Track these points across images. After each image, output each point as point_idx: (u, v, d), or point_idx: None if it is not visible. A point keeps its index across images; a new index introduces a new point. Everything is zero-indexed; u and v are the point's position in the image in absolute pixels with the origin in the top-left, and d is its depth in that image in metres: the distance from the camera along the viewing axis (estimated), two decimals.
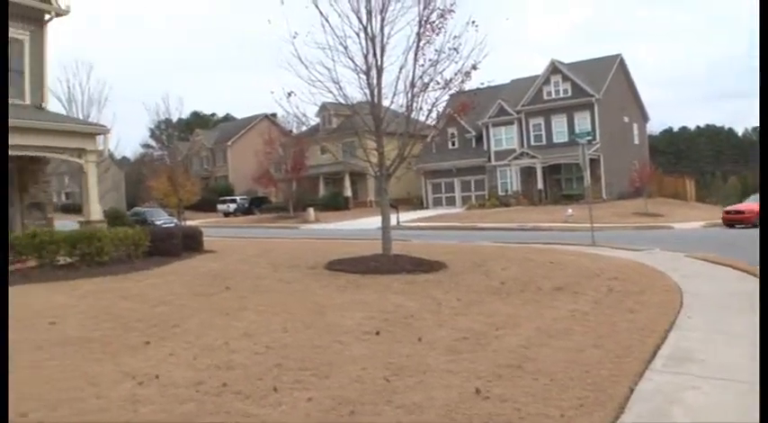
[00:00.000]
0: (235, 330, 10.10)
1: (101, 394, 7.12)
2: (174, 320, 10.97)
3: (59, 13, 22.69)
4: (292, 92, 18.07)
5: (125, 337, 9.89)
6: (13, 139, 18.53)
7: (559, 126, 56.03)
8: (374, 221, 41.18)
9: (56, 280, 16.28)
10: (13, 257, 18.10)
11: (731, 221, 35.18)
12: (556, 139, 55.81)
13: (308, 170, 61.07)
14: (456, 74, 17.73)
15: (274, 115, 77.77)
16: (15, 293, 14.29)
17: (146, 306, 12.50)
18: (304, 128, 55.35)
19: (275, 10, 17.38)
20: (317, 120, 63.49)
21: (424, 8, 17.42)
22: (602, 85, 55.56)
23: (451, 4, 17.33)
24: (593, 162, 48.64)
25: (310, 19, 17.61)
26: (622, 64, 61.01)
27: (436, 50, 17.66)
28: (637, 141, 63.27)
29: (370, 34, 17.55)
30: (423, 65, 17.75)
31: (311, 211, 53.36)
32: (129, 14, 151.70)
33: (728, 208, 38.16)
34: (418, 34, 17.57)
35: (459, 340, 9.19)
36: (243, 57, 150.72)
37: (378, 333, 9.60)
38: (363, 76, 17.90)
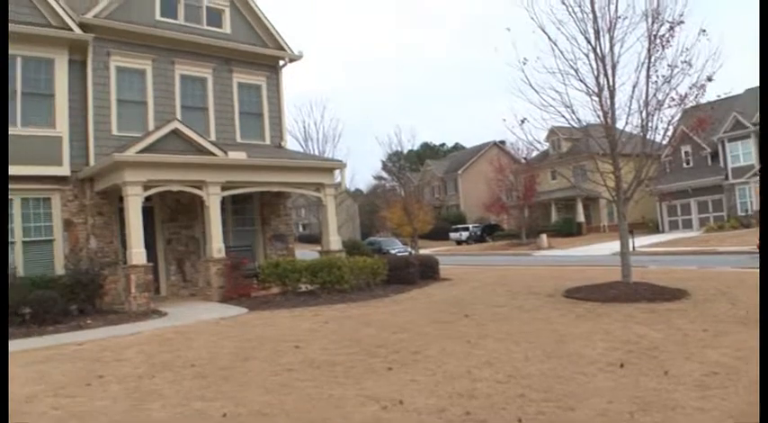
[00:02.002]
0: (476, 358, 10.10)
1: (346, 416, 7.49)
2: (415, 347, 11.20)
3: (293, 59, 24.46)
4: (525, 119, 18.21)
5: (368, 362, 10.22)
6: (257, 177, 20.16)
7: None
8: (608, 247, 40.19)
9: (298, 306, 17.38)
10: (257, 284, 19.63)
11: None
12: None
13: (539, 196, 60.61)
14: (690, 88, 17.02)
15: (503, 142, 78.15)
16: (262, 318, 15.68)
17: (386, 332, 12.87)
18: (534, 153, 55.42)
19: (502, 37, 17.73)
20: (546, 144, 63.15)
21: (653, 22, 16.96)
22: None
23: (680, 15, 16.71)
24: None
25: (538, 43, 17.69)
26: None
27: (668, 65, 17.07)
28: None
29: (599, 54, 17.37)
30: (656, 82, 17.22)
31: (544, 237, 52.88)
32: (358, 52, 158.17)
33: None
34: (648, 50, 17.08)
35: (709, 375, 8.67)
36: (470, 85, 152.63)
37: (622, 365, 9.28)
38: (596, 98, 17.66)
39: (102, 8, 20.34)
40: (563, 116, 18.01)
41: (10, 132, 17.96)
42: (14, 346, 13.08)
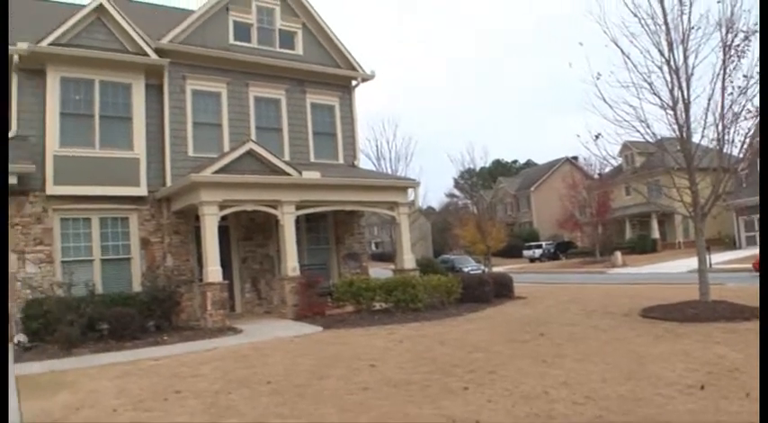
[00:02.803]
0: (552, 379, 9.94)
1: None
2: (491, 366, 11.07)
3: (365, 79, 24.56)
4: (599, 134, 17.97)
5: (443, 381, 10.12)
6: (331, 196, 20.24)
7: None
8: (684, 264, 39.15)
9: (373, 324, 17.33)
10: (331, 303, 19.69)
11: None
12: None
13: (612, 212, 59.49)
14: None
15: (576, 158, 77.13)
16: (337, 336, 15.69)
17: (462, 351, 12.76)
18: (607, 169, 54.52)
19: (574, 52, 17.51)
20: (619, 159, 62.04)
21: (727, 32, 16.50)
22: None
23: (755, 24, 16.13)
24: None
25: (611, 57, 17.51)
26: None
27: (744, 76, 16.54)
28: None
29: (673, 67, 17.03)
30: (731, 93, 16.71)
31: (618, 254, 51.77)
32: (430, 71, 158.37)
33: None
34: (723, 61, 16.60)
35: None
36: (541, 101, 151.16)
37: (702, 387, 9.03)
38: (670, 111, 17.30)
39: (177, 33, 20.82)
40: (637, 131, 17.73)
41: (89, 154, 18.81)
42: (94, 360, 13.60)
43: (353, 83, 24.82)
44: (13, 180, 16.90)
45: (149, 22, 21.44)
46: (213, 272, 18.09)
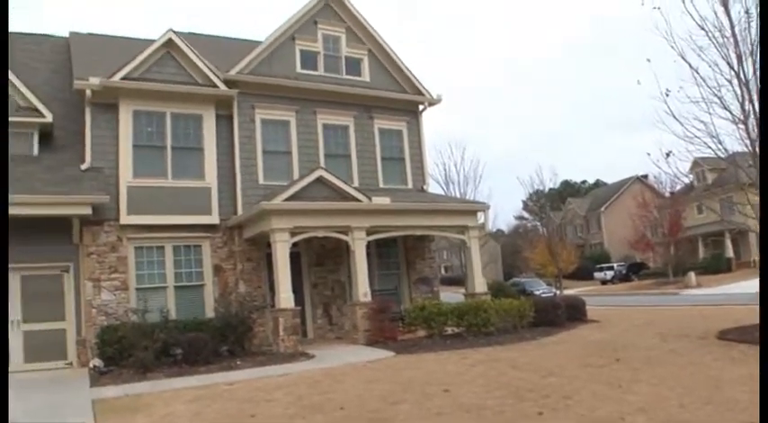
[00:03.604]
0: (628, 404, 9.56)
1: None
2: (566, 391, 10.73)
3: (432, 103, 24.18)
4: (671, 152, 17.30)
5: (517, 406, 9.82)
6: (401, 221, 19.92)
7: None
8: (759, 284, 37.60)
9: (445, 349, 16.90)
10: (403, 328, 19.33)
11: None
12: None
13: (684, 231, 57.59)
14: None
15: (645, 176, 75.29)
16: (409, 361, 15.36)
17: (536, 376, 12.40)
18: (678, 187, 52.92)
19: (641, 69, 16.86)
20: (690, 176, 60.22)
21: None
22: None
23: None
24: None
25: (679, 73, 16.81)
26: None
27: None
28: None
29: (743, 79, 16.12)
30: None
31: (692, 275, 49.99)
32: (496, 94, 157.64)
33: None
34: None
35: None
36: (609, 120, 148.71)
37: None
38: (742, 126, 16.40)
39: (245, 64, 20.86)
40: (708, 146, 16.96)
41: (162, 185, 18.97)
42: (168, 384, 13.62)
43: (420, 107, 24.44)
44: (87, 210, 17.17)
45: (217, 55, 21.54)
46: (285, 298, 17.93)
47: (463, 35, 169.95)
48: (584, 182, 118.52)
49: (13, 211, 16.07)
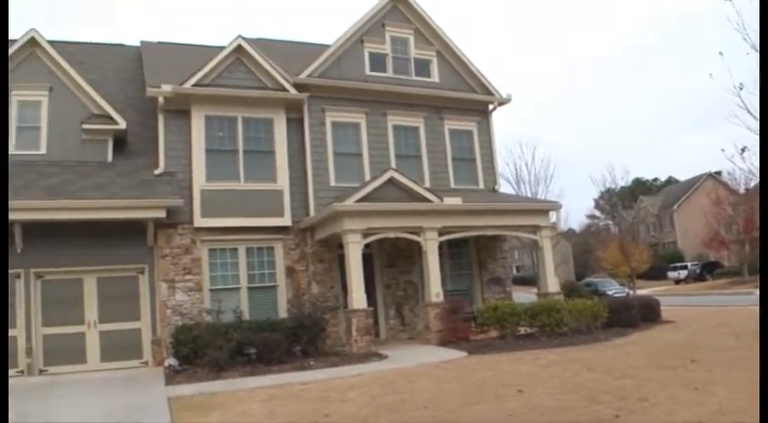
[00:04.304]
0: (706, 407, 9.18)
1: None
2: (641, 393, 10.34)
3: (501, 102, 23.60)
4: (746, 147, 16.44)
5: (592, 408, 9.52)
6: (473, 221, 19.54)
7: None
8: None
9: (518, 349, 16.56)
10: (475, 328, 18.98)
11: None
12: None
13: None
14: None
15: (719, 173, 72.88)
16: (482, 361, 15.19)
17: (610, 377, 12.05)
18: (752, 183, 50.92)
19: (713, 63, 16.06)
20: None
21: None
22: None
23: None
24: None
25: (752, 66, 16.00)
26: None
27: None
28: None
29: None
30: None
31: None
32: (565, 91, 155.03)
33: None
34: None
35: None
36: (680, 117, 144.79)
37: None
38: None
39: (314, 68, 20.69)
40: None
41: (234, 188, 19.07)
42: (242, 383, 13.70)
43: (490, 107, 23.88)
44: (162, 214, 17.34)
45: (286, 59, 21.45)
46: (358, 299, 17.74)
47: (535, 35, 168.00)
48: (655, 179, 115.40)
49: (90, 215, 16.65)
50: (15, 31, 19.50)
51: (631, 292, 42.17)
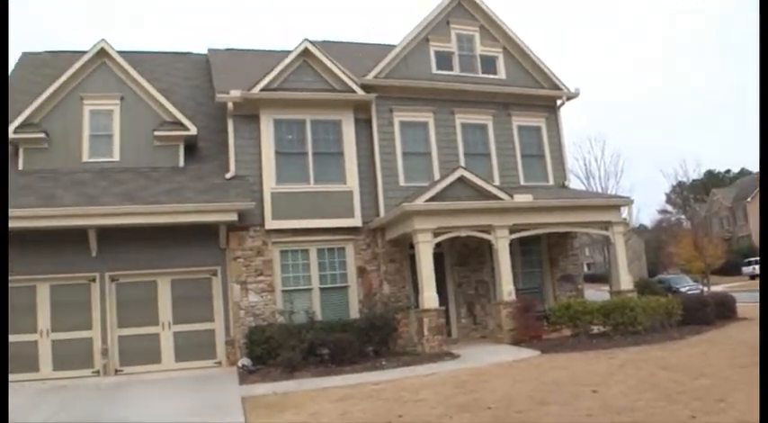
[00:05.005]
0: None
1: None
2: (719, 394, 10.06)
3: (570, 97, 23.01)
4: None
5: (668, 408, 9.30)
6: (543, 218, 19.19)
7: None
8: None
9: (591, 348, 16.31)
10: (548, 327, 18.75)
11: None
12: None
13: None
14: None
15: None
16: (555, 360, 15.20)
17: (686, 377, 11.69)
18: None
19: None
20: None
21: None
22: None
23: None
24: None
25: None
26: None
27: None
28: None
29: None
30: None
31: None
32: (634, 84, 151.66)
33: None
34: None
35: None
36: (750, 105, 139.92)
37: None
38: None
39: (381, 68, 20.52)
40: None
41: (304, 190, 19.13)
42: (315, 383, 13.82)
43: (558, 102, 23.29)
44: (234, 217, 17.52)
45: (352, 60, 21.33)
46: (429, 298, 17.54)
47: (607, 28, 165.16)
48: (727, 171, 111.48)
49: (163, 219, 16.94)
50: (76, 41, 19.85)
51: (705, 289, 40.83)
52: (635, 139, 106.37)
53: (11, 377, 15.83)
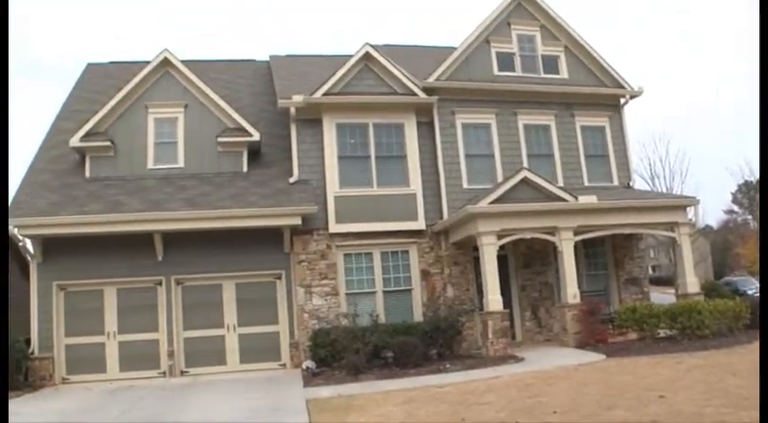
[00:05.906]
0: None
1: None
2: None
3: (633, 95, 22.41)
4: None
5: (737, 415, 8.96)
6: (608, 219, 18.72)
7: None
8: None
9: (657, 353, 15.90)
10: (613, 330, 18.36)
11: None
12: None
13: None
14: None
15: None
16: (621, 364, 15.17)
17: (755, 383, 10.89)
18: None
19: None
20: None
21: None
22: None
23: None
24: None
25: None
26: None
27: None
28: None
29: None
30: None
31: None
32: (694, 81, 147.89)
33: None
34: None
35: None
36: None
37: None
38: None
39: (442, 70, 20.30)
40: None
41: (367, 193, 19.14)
42: (379, 386, 13.75)
43: (622, 101, 22.62)
44: (297, 221, 17.63)
45: (412, 63, 21.17)
46: (494, 301, 17.24)
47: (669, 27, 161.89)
48: None
49: (228, 223, 17.13)
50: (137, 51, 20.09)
51: None
52: (699, 137, 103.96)
53: (79, 378, 16.37)
